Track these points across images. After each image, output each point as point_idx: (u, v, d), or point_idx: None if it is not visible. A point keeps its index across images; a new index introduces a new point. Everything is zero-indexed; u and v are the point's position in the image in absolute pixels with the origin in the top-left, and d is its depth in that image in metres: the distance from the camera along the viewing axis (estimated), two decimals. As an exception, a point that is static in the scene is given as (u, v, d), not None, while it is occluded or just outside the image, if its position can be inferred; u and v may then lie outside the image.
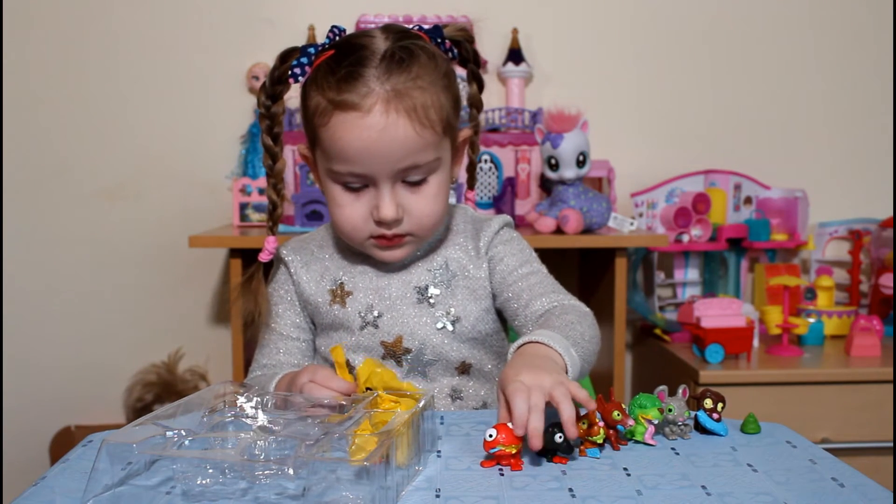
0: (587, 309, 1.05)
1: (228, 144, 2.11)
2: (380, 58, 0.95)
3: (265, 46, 2.10)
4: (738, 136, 2.22)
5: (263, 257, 1.09)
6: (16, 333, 2.15)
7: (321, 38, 2.15)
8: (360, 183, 1.00)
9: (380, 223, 1.00)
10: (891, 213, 2.15)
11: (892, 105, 2.22)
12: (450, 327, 1.07)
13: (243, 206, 1.95)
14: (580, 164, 1.82)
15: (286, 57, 1.00)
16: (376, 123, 0.94)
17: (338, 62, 0.97)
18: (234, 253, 1.75)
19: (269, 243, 1.09)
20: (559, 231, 1.80)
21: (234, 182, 1.96)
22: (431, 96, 0.97)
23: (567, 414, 0.79)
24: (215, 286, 2.18)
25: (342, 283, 1.09)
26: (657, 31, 2.19)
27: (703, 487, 0.73)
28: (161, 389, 2.01)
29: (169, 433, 0.74)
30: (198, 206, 2.12)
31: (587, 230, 1.84)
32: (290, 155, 1.99)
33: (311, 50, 1.00)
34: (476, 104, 1.14)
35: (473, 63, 1.11)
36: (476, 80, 1.13)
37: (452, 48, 1.06)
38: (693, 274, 2.16)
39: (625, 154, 2.13)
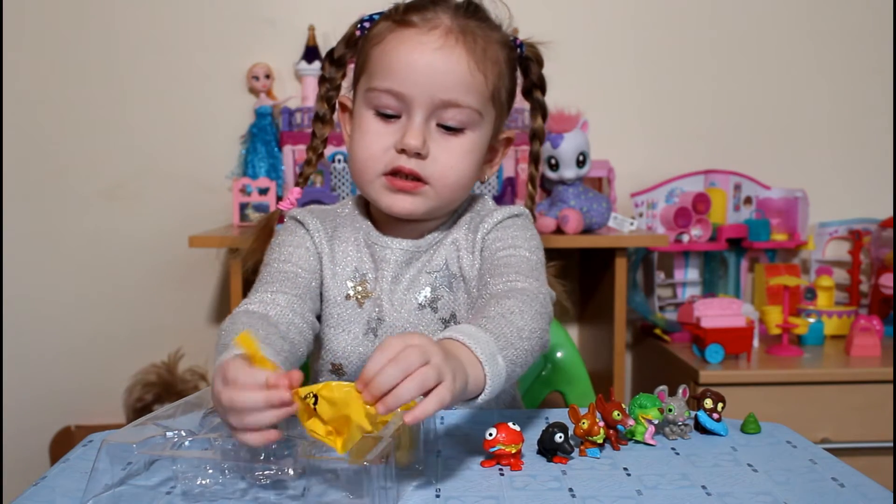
0: (540, 294, 0.91)
1: (228, 144, 2.11)
2: (455, 6, 0.96)
3: (265, 46, 2.10)
4: (738, 136, 2.22)
5: (284, 205, 1.06)
6: (16, 333, 2.15)
7: (321, 39, 2.16)
8: (395, 109, 0.94)
9: (402, 152, 0.93)
10: (891, 213, 2.15)
11: (892, 105, 2.22)
12: None
13: (243, 206, 1.95)
14: (580, 164, 1.82)
15: (361, 19, 1.02)
16: (433, 42, 0.92)
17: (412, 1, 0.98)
18: (234, 253, 1.75)
19: (293, 193, 1.07)
20: (559, 231, 1.80)
21: (234, 182, 1.96)
22: (493, 51, 0.96)
23: (400, 393, 0.66)
24: (215, 286, 2.18)
25: (364, 279, 1.01)
26: (657, 31, 2.19)
27: (704, 487, 0.73)
28: (161, 389, 2.01)
29: (169, 433, 0.74)
30: (198, 206, 2.12)
31: (587, 230, 1.84)
32: (291, 154, 1.99)
33: (384, 11, 1.00)
34: (539, 137, 1.10)
35: (540, 90, 1.08)
36: (541, 111, 1.09)
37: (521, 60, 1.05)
38: (693, 274, 2.16)
39: (625, 154, 2.13)
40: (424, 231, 1.03)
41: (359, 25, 1.03)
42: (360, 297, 1.01)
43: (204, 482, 0.71)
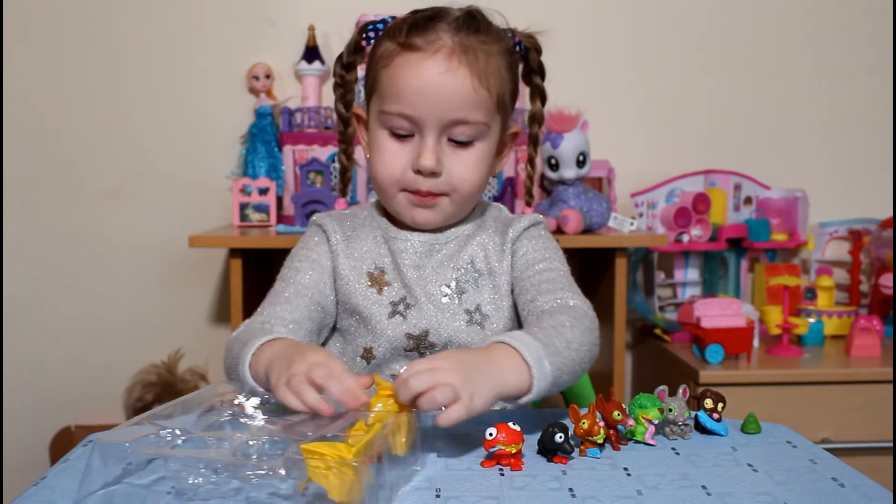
0: (589, 311, 1.01)
1: (228, 144, 2.11)
2: (454, 18, 1.01)
3: (265, 46, 2.10)
4: (738, 136, 2.22)
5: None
6: (16, 333, 2.15)
7: (321, 39, 2.15)
8: (408, 130, 1.01)
9: (418, 172, 1.01)
10: (891, 213, 2.15)
11: (892, 105, 2.22)
12: (478, 326, 1.05)
13: (243, 206, 1.95)
14: (580, 164, 1.82)
15: (365, 27, 1.08)
16: (438, 66, 0.97)
17: (413, 18, 1.02)
18: (234, 253, 1.75)
19: (339, 205, 1.19)
20: (559, 231, 1.80)
21: (234, 182, 1.96)
22: (495, 63, 1.01)
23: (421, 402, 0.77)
24: (215, 286, 2.18)
25: (382, 269, 1.07)
26: (657, 31, 2.19)
27: (704, 487, 0.73)
28: (161, 389, 2.01)
29: (162, 432, 0.74)
30: (198, 206, 2.12)
31: (587, 230, 1.84)
32: (291, 154, 1.99)
33: (389, 19, 1.06)
34: (538, 120, 1.17)
35: (539, 75, 1.15)
36: (540, 95, 1.16)
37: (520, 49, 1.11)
38: (693, 274, 2.16)
39: (625, 154, 2.13)
40: (443, 227, 1.09)
41: (364, 35, 1.09)
42: (379, 284, 1.06)
43: (196, 481, 0.70)
